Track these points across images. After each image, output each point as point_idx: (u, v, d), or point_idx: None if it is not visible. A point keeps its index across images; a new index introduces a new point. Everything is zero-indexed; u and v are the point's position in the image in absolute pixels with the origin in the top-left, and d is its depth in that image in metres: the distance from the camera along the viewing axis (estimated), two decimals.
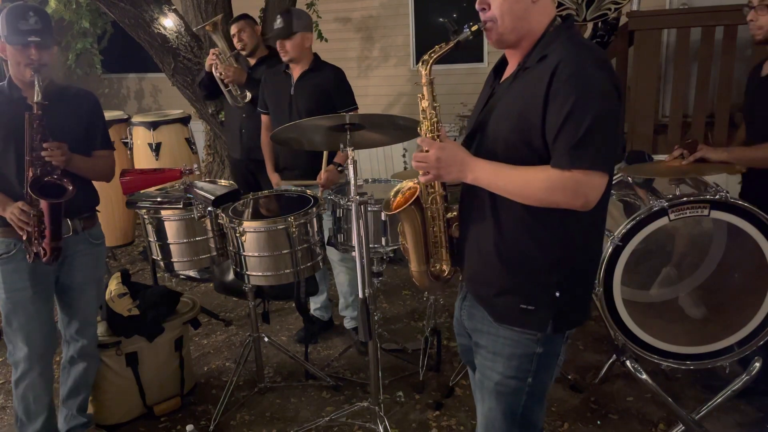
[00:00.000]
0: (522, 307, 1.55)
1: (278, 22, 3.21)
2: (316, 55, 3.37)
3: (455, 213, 1.69)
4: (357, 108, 3.37)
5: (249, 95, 3.64)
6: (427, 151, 1.52)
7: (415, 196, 1.64)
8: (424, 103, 1.59)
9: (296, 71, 3.32)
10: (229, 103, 3.75)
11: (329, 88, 3.28)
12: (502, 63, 1.68)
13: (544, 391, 1.67)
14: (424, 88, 1.59)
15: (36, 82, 2.20)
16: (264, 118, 3.51)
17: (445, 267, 1.72)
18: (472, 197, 1.60)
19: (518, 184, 1.45)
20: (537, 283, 1.55)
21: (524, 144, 1.47)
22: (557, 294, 1.54)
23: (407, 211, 1.65)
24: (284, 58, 3.27)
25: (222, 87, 3.70)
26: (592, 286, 1.67)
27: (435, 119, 1.58)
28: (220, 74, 3.65)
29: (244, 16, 3.76)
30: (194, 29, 4.48)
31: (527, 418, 1.66)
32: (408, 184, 1.75)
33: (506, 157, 1.49)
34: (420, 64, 1.58)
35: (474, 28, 1.52)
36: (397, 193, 1.78)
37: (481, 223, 1.59)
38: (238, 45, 3.70)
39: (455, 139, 1.74)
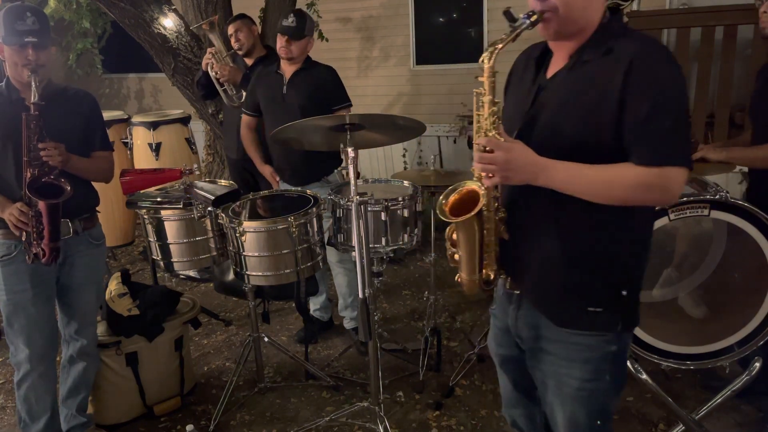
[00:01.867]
0: (590, 310, 1.51)
1: (290, 21, 3.17)
2: (308, 56, 3.35)
3: (504, 214, 1.57)
4: (351, 105, 3.34)
5: (245, 95, 3.64)
6: (490, 151, 1.43)
7: (479, 207, 1.49)
8: (486, 98, 1.47)
9: (288, 71, 3.29)
10: (225, 102, 3.76)
11: (323, 85, 3.26)
12: (543, 54, 1.58)
13: (622, 382, 1.64)
14: (486, 82, 1.47)
15: (33, 83, 2.20)
16: (246, 118, 3.47)
17: (491, 272, 1.60)
18: (529, 197, 1.51)
19: (600, 185, 1.41)
20: (605, 283, 1.51)
21: (593, 141, 1.42)
22: (624, 293, 1.51)
23: (466, 221, 1.51)
24: (284, 55, 3.24)
25: (218, 86, 3.70)
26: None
27: (496, 116, 1.47)
28: (216, 74, 3.65)
29: (241, 16, 3.76)
30: (191, 28, 4.48)
31: (608, 412, 1.64)
32: (471, 185, 1.57)
33: (570, 154, 1.42)
34: (486, 54, 1.46)
35: (534, 18, 1.44)
36: (451, 192, 1.60)
37: (543, 225, 1.52)
38: (235, 45, 3.70)
39: (455, 140, 1.71)
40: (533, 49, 1.64)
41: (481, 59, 1.48)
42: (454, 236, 1.60)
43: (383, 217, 2.62)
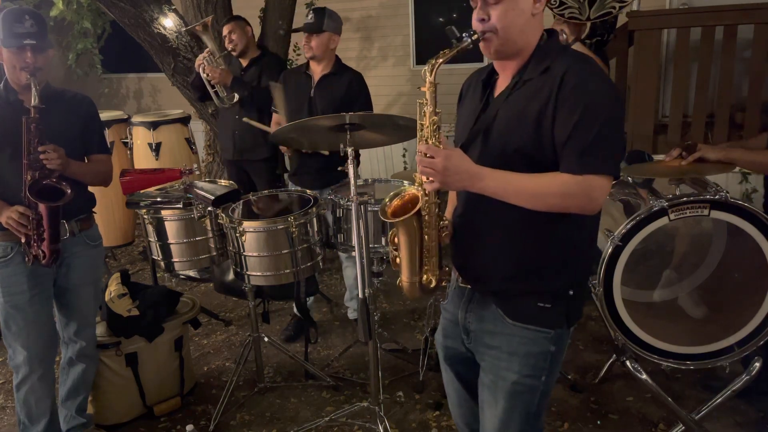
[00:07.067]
0: (539, 306, 1.60)
1: (309, 17, 3.19)
2: (337, 58, 3.34)
3: (446, 222, 1.68)
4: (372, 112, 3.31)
5: (236, 97, 3.64)
6: (432, 158, 1.51)
7: (417, 207, 1.59)
8: (427, 108, 1.57)
9: (317, 73, 3.29)
10: (216, 104, 3.76)
11: (349, 94, 3.25)
12: (490, 76, 1.69)
13: (551, 388, 1.71)
14: (428, 93, 1.57)
15: (33, 86, 2.20)
16: (275, 116, 3.45)
17: (432, 278, 1.70)
18: (478, 202, 1.60)
19: (530, 192, 1.49)
20: (554, 282, 1.60)
21: (535, 152, 1.51)
22: (570, 292, 1.61)
23: (406, 222, 1.61)
24: (307, 54, 3.25)
25: (209, 88, 3.70)
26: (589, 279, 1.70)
27: (437, 125, 1.57)
28: (207, 75, 3.64)
29: (235, 18, 3.77)
30: (184, 29, 4.47)
31: (538, 416, 1.71)
32: (412, 190, 1.69)
33: (516, 165, 1.51)
34: (426, 68, 1.57)
35: (475, 37, 1.54)
36: (394, 196, 1.73)
37: (494, 229, 1.61)
38: (228, 46, 3.71)
39: (455, 140, 1.73)
40: (480, 72, 1.74)
41: (423, 71, 1.57)
42: (396, 239, 1.69)
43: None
